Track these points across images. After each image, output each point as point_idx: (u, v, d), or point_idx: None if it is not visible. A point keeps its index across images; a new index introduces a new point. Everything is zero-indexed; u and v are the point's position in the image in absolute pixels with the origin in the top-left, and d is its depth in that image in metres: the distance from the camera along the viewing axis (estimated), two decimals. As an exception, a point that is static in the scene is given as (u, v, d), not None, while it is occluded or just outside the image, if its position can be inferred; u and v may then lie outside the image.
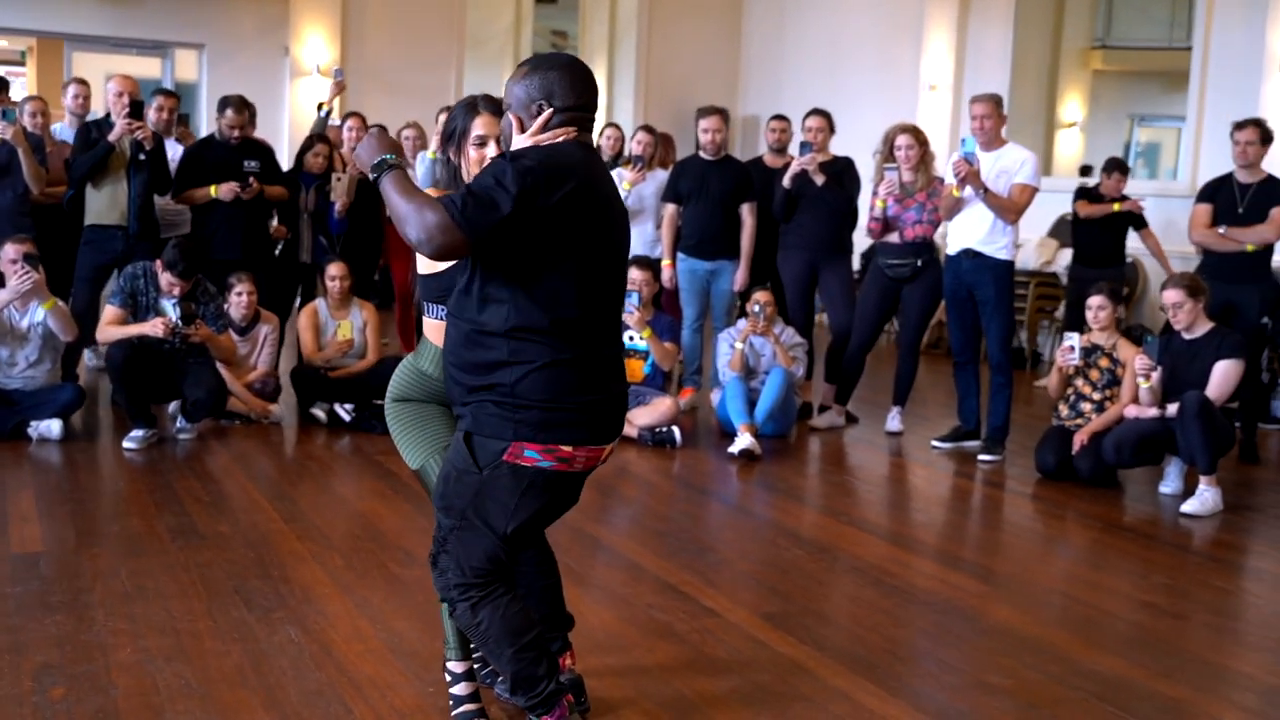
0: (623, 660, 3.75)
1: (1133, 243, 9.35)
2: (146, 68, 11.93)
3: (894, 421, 7.35)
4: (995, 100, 6.78)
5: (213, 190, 7.13)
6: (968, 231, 6.73)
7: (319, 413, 6.91)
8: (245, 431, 6.72)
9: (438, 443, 3.19)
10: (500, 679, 3.46)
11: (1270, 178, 6.83)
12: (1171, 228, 9.56)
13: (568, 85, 2.91)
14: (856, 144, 7.77)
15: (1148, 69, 15.78)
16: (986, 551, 5.30)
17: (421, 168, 7.83)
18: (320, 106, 8.21)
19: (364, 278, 7.77)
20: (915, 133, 7.07)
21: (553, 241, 2.80)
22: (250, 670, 3.62)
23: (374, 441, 6.59)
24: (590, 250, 2.88)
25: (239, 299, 6.88)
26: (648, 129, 8.35)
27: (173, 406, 6.74)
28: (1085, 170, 12.57)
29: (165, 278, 6.27)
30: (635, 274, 6.98)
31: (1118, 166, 8.96)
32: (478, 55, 15.24)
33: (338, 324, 7.12)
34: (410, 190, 2.77)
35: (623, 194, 7.88)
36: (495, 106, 3.14)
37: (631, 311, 6.84)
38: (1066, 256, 9.90)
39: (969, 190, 6.58)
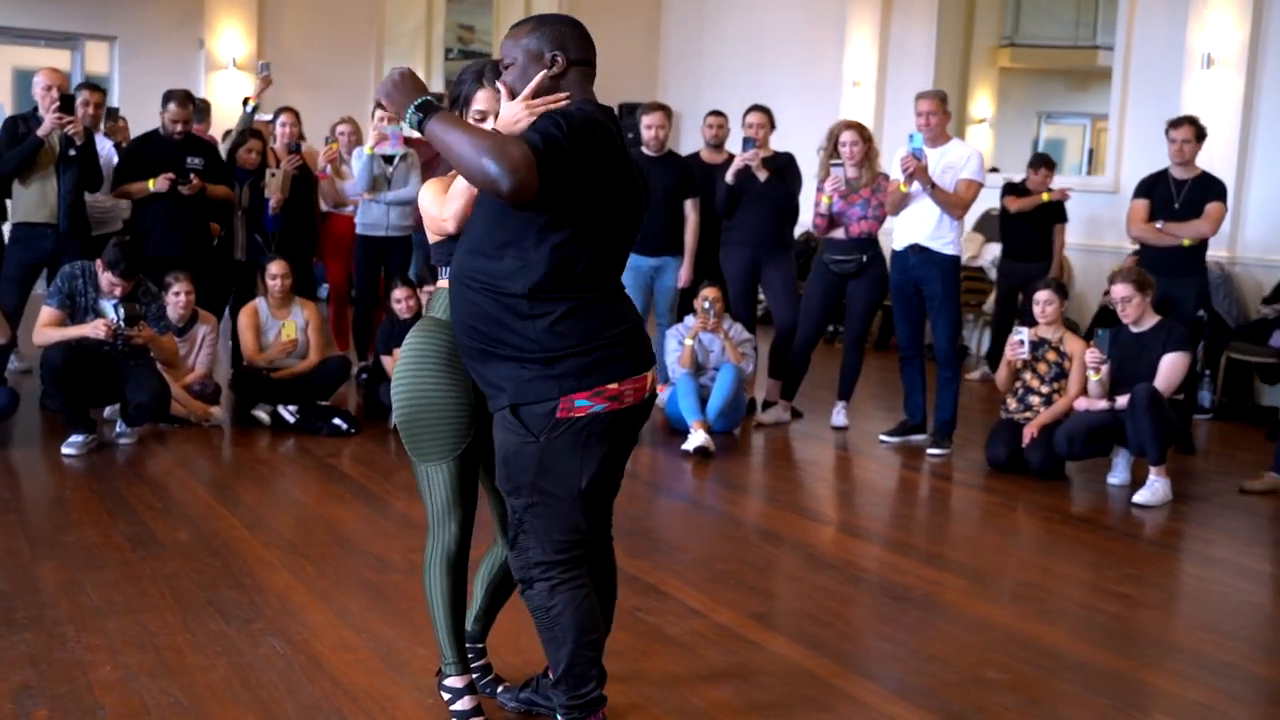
0: (621, 666, 3.69)
1: (1070, 236, 9.52)
2: (55, 60, 11.52)
3: (839, 416, 7.38)
4: (940, 96, 6.84)
5: (150, 184, 6.92)
6: (914, 227, 6.78)
7: (262, 415, 6.73)
8: (185, 435, 6.53)
9: (449, 447, 3.05)
10: (511, 689, 3.39)
11: (1204, 174, 6.99)
12: (1095, 223, 9.77)
13: (578, 38, 2.96)
14: (782, 140, 7.76)
15: (1054, 67, 16.11)
16: (957, 546, 5.33)
17: (358, 164, 7.70)
18: (246, 101, 8.00)
19: (302, 275, 7.59)
20: (859, 129, 7.10)
21: (589, 195, 2.78)
22: (239, 685, 3.49)
23: (321, 444, 6.45)
24: (611, 204, 2.86)
25: (176, 299, 6.67)
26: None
27: (109, 410, 6.53)
28: (992, 172, 12.77)
29: (106, 278, 6.05)
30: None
31: (1044, 162, 9.12)
32: (389, 52, 15.02)
33: (281, 324, 6.94)
34: (473, 127, 2.71)
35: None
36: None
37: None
38: (992, 251, 10.05)
39: (916, 186, 6.63)
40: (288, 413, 6.68)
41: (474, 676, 3.29)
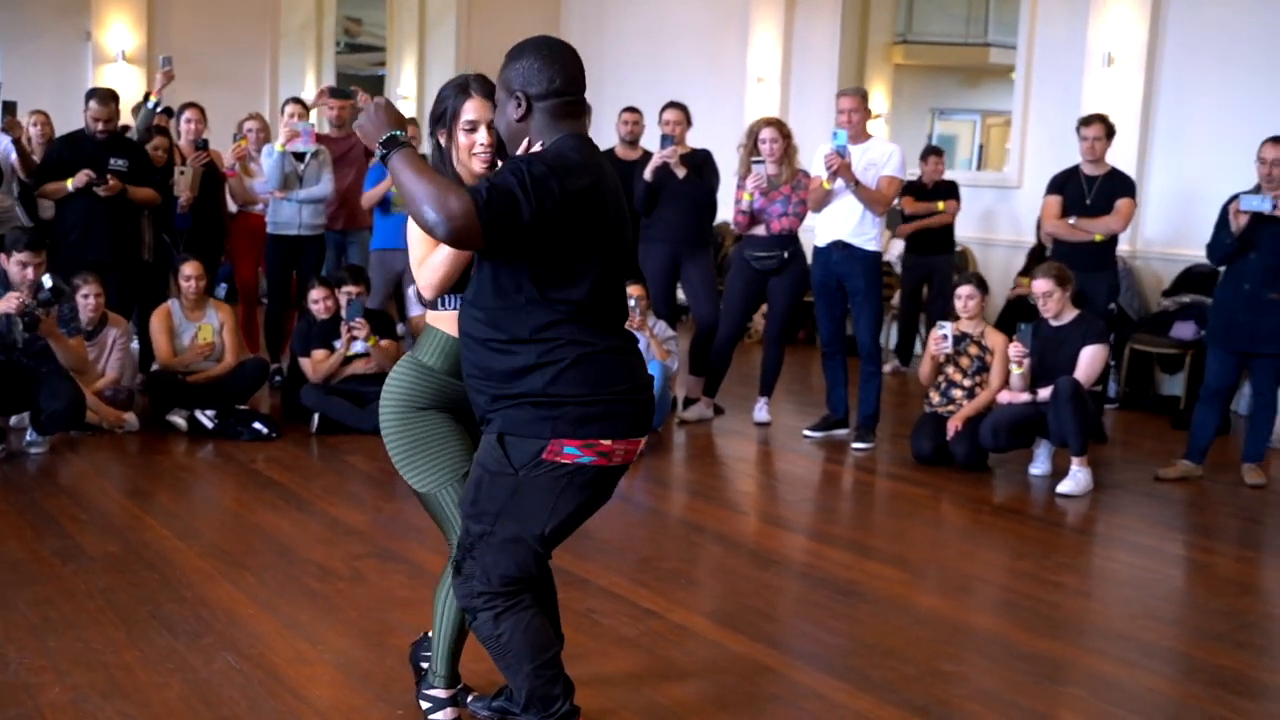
0: (585, 670, 3.65)
1: (962, 230, 9.71)
2: (-68, 53, 11.09)
3: (761, 412, 7.42)
4: (862, 94, 6.91)
5: (68, 183, 6.69)
6: (837, 224, 6.84)
7: (178, 420, 6.54)
8: (98, 442, 6.32)
9: (454, 467, 3.02)
10: (483, 698, 3.34)
11: (1114, 170, 7.16)
12: (993, 217, 9.96)
13: (544, 68, 2.80)
14: (688, 136, 7.76)
15: (946, 64, 16.42)
16: (895, 539, 5.38)
17: (268, 161, 7.53)
18: (148, 97, 7.77)
19: (212, 276, 7.40)
20: (779, 126, 7.13)
21: (570, 241, 2.73)
22: (199, 702, 3.39)
23: (243, 449, 6.29)
24: (604, 246, 2.81)
25: (85, 301, 6.46)
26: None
27: (15, 419, 6.29)
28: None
29: (15, 263, 5.82)
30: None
31: (933, 151, 9.38)
32: (282, 45, 14.71)
33: (195, 326, 6.76)
34: (427, 169, 2.65)
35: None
36: (487, 89, 3.00)
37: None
38: (897, 246, 10.19)
39: (839, 183, 6.69)
40: (205, 417, 6.51)
41: (459, 690, 3.24)
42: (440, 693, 3.17)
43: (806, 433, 7.12)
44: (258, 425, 6.49)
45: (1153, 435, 7.57)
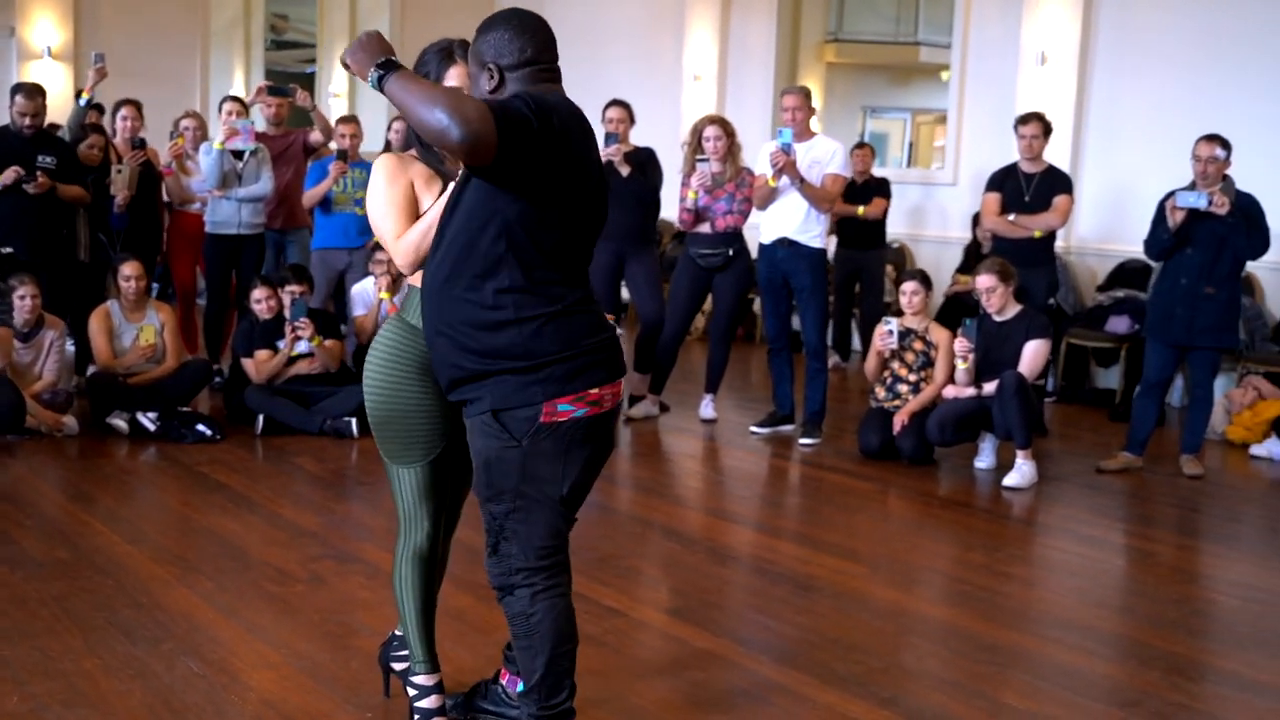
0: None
1: (895, 227, 9.82)
2: None
3: (707, 409, 7.45)
4: (806, 93, 6.96)
5: None
6: (782, 221, 6.88)
7: (119, 423, 6.42)
8: (36, 446, 6.19)
9: (427, 449, 3.05)
10: (456, 695, 3.32)
11: (1051, 168, 7.28)
12: (927, 214, 10.07)
13: (515, 37, 2.80)
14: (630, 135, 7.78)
15: (876, 62, 16.57)
16: (850, 534, 5.40)
17: (206, 159, 7.42)
18: (80, 95, 7.62)
19: (149, 276, 7.27)
20: (723, 124, 7.16)
21: (557, 173, 2.71)
22: (164, 710, 3.34)
23: (187, 451, 6.20)
24: (583, 189, 2.80)
25: (21, 302, 6.33)
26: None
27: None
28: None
29: None
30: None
31: (860, 145, 9.46)
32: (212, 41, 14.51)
33: (139, 327, 6.64)
34: (433, 84, 2.62)
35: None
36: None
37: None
38: (831, 242, 10.27)
39: (785, 180, 6.73)
40: (147, 420, 6.39)
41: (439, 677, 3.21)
42: (425, 679, 3.16)
43: (753, 429, 7.15)
44: (201, 427, 6.39)
45: (1090, 428, 7.71)
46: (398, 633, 3.35)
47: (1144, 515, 5.96)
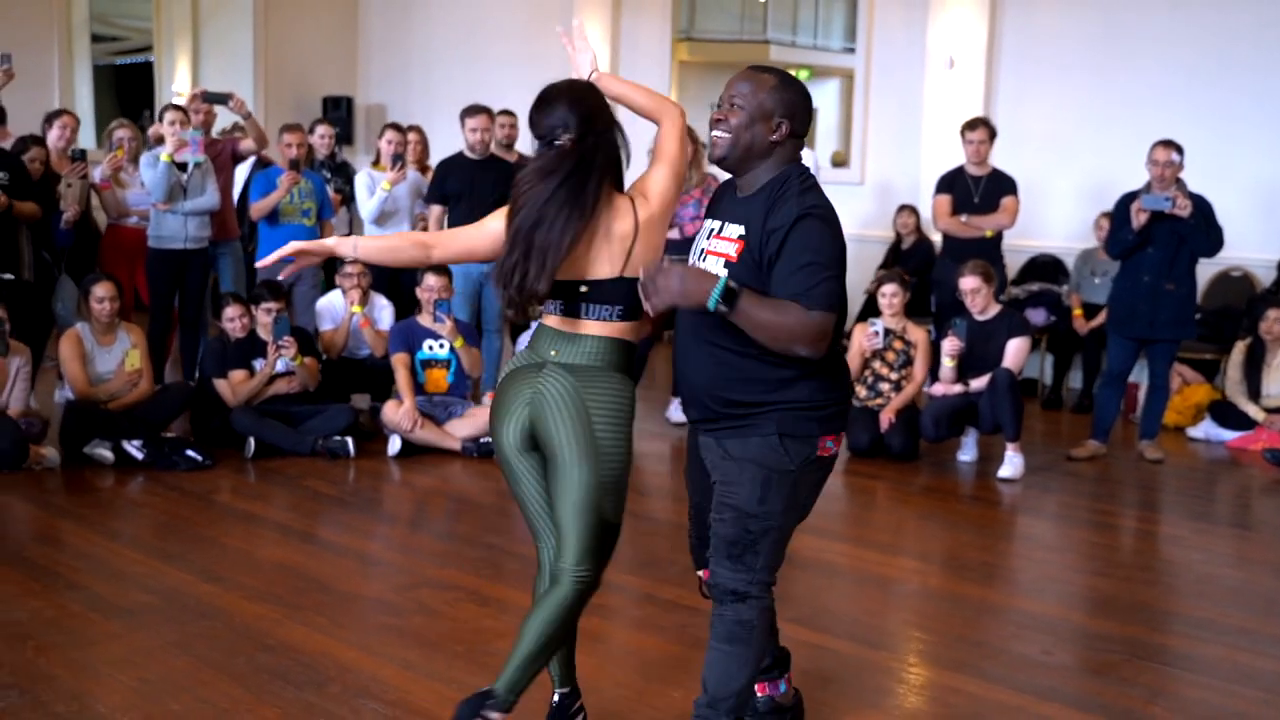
0: (664, 670, 3.70)
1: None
2: None
3: (676, 412, 7.53)
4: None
5: None
6: (755, 226, 7.00)
7: (103, 452, 6.08)
8: (15, 480, 5.80)
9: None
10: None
11: (996, 170, 7.65)
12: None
13: (807, 110, 3.04)
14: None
15: (724, 60, 16.86)
16: (869, 527, 5.67)
17: (151, 172, 7.10)
18: (-14, 101, 7.19)
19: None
20: (689, 132, 7.23)
21: None
22: (383, 756, 3.25)
23: (187, 479, 5.94)
24: None
25: (-8, 329, 5.94)
26: (395, 127, 7.98)
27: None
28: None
29: None
30: (434, 281, 6.74)
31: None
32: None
33: (125, 352, 6.31)
34: (772, 301, 2.78)
35: (380, 196, 7.53)
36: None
37: (443, 320, 6.59)
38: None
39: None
40: (133, 448, 6.09)
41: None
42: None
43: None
44: (191, 453, 6.12)
45: (1028, 416, 8.02)
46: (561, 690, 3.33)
47: (1129, 497, 6.36)
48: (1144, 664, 4.03)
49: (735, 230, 2.97)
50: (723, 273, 2.84)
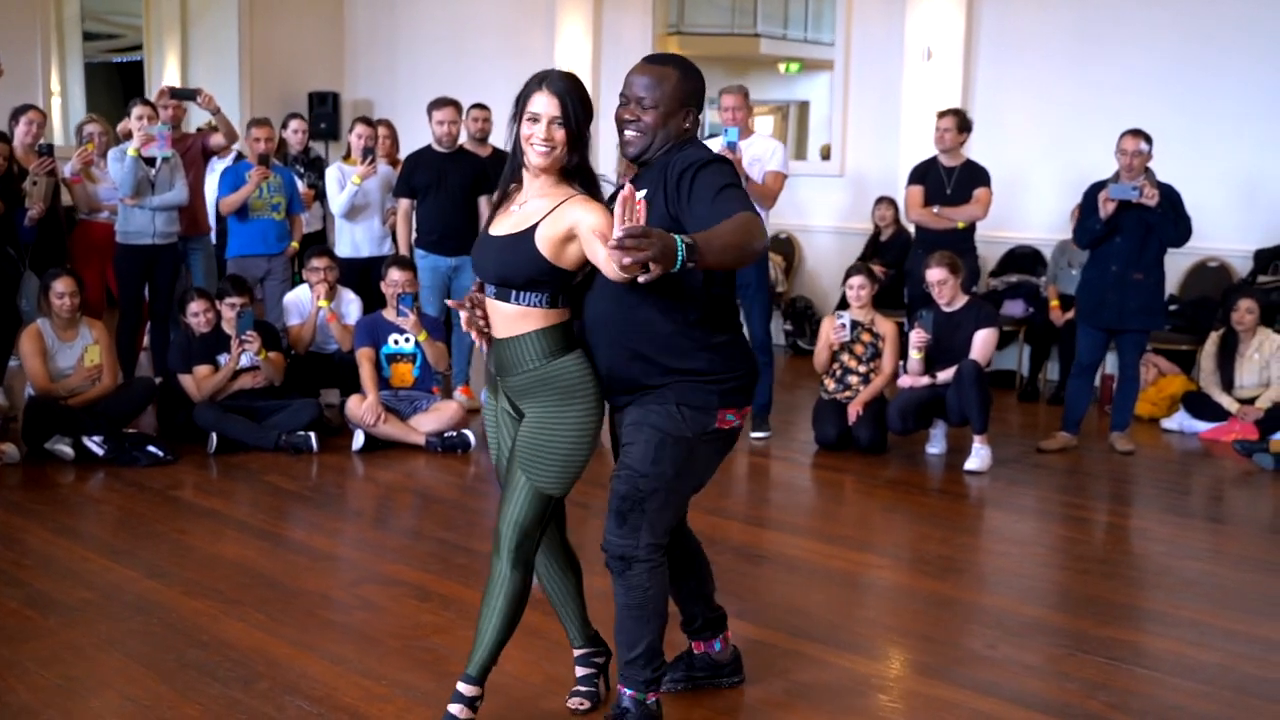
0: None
1: (784, 219, 10.06)
2: None
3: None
4: (744, 92, 7.06)
5: None
6: (727, 219, 6.97)
7: (63, 448, 6.07)
8: (-29, 477, 5.80)
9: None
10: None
11: (969, 161, 7.60)
12: (814, 206, 10.29)
13: (702, 90, 3.21)
14: (495, 136, 7.74)
15: (715, 54, 16.82)
16: (840, 523, 5.60)
17: (118, 166, 7.10)
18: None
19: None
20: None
21: None
22: (301, 753, 3.23)
23: (147, 475, 5.92)
24: None
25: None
26: (365, 121, 7.96)
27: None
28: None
29: None
30: (398, 275, 6.70)
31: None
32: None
33: (84, 346, 6.30)
34: (721, 229, 2.78)
35: (350, 190, 7.52)
36: (559, 86, 3.04)
37: (406, 314, 6.56)
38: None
39: (730, 179, 6.81)
40: (94, 444, 6.07)
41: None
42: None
43: (700, 424, 7.23)
44: (153, 449, 6.11)
45: (1004, 408, 8.05)
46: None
47: (1100, 490, 6.30)
48: (1088, 658, 3.99)
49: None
50: None
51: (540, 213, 3.05)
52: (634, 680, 3.20)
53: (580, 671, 3.51)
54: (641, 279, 2.60)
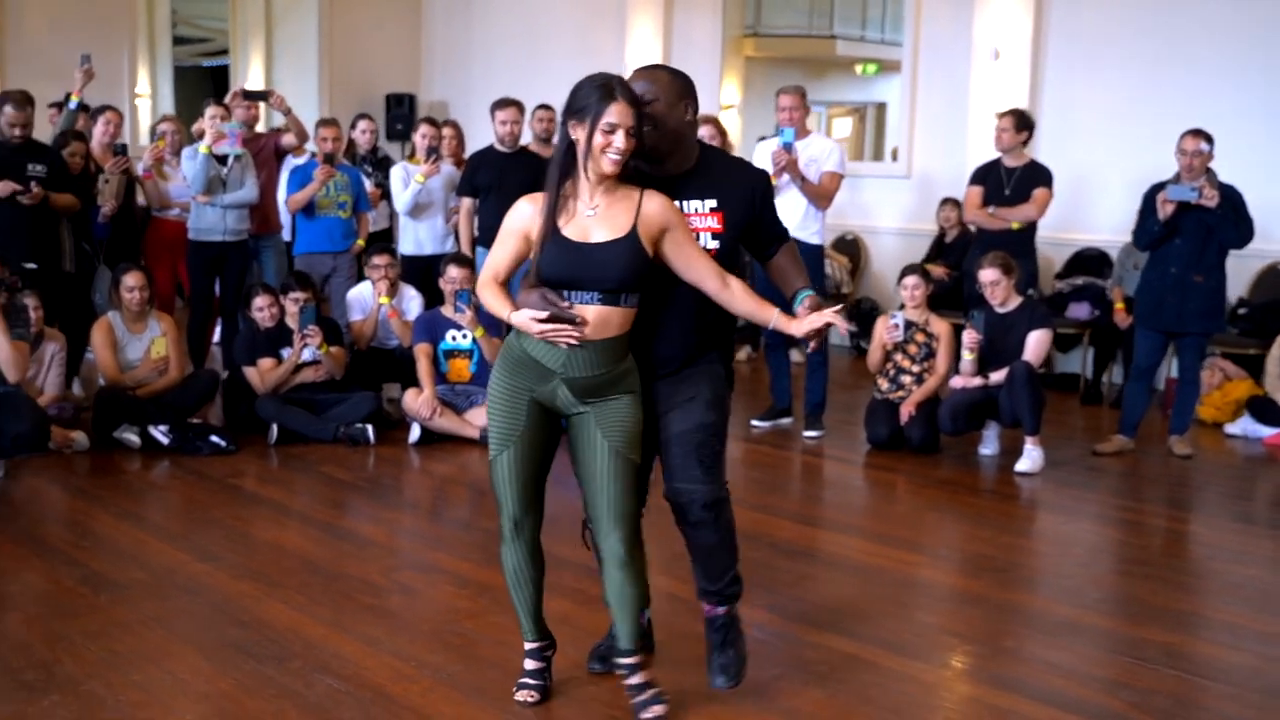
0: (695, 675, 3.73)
1: (851, 219, 10.07)
2: None
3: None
4: (802, 92, 7.09)
5: None
6: (783, 219, 6.98)
7: (131, 437, 6.29)
8: (46, 463, 6.02)
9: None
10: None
11: (1033, 162, 7.54)
12: (882, 207, 10.29)
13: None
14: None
15: (791, 55, 16.82)
16: (895, 523, 5.60)
17: (191, 164, 7.30)
18: (69, 97, 7.43)
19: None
20: (716, 124, 7.30)
21: None
22: (325, 728, 3.34)
23: (208, 464, 6.11)
24: None
25: (27, 315, 6.15)
26: (430, 121, 8.12)
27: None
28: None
29: None
30: (456, 272, 6.83)
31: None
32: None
33: (138, 338, 6.51)
34: (783, 259, 3.65)
35: (414, 188, 7.67)
36: (630, 94, 3.13)
37: (464, 310, 6.68)
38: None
39: (785, 178, 6.85)
40: (160, 433, 6.28)
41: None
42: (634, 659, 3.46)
43: (754, 423, 7.28)
44: (215, 439, 6.30)
45: (1064, 411, 7.99)
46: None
47: (1157, 494, 6.22)
48: (1129, 660, 3.96)
49: (705, 205, 3.35)
50: (713, 242, 3.34)
51: (627, 214, 3.18)
52: (731, 597, 3.53)
53: (530, 665, 3.55)
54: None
